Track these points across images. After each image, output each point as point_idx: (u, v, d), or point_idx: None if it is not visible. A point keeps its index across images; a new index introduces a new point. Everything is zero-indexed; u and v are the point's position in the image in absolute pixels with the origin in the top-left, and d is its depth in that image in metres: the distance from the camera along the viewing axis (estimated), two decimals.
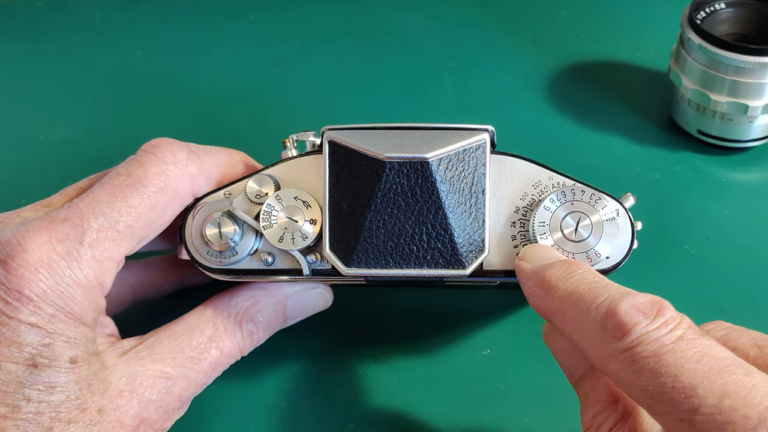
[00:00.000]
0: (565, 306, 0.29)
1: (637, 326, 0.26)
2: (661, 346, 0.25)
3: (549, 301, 0.30)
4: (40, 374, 0.30)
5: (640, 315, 0.26)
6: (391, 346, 0.42)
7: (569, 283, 0.29)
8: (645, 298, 0.27)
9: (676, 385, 0.24)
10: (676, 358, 0.25)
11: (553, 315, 0.30)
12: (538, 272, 0.31)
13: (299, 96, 0.56)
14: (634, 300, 0.27)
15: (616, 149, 0.51)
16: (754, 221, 0.46)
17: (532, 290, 0.31)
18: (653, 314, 0.26)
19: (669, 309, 0.26)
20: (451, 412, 0.39)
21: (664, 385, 0.24)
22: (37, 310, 0.30)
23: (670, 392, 0.24)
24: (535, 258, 0.32)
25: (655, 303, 0.27)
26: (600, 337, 0.27)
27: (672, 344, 0.25)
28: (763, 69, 0.45)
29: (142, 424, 0.32)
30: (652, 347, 0.25)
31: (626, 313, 0.26)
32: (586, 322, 0.28)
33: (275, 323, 0.37)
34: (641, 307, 0.26)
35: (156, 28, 0.63)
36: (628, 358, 0.26)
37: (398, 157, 0.33)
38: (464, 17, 0.62)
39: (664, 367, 0.25)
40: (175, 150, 0.35)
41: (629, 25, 0.60)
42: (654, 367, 0.25)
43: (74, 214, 0.32)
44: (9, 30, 0.64)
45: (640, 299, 0.27)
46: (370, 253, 0.34)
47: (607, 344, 0.26)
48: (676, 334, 0.25)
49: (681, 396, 0.24)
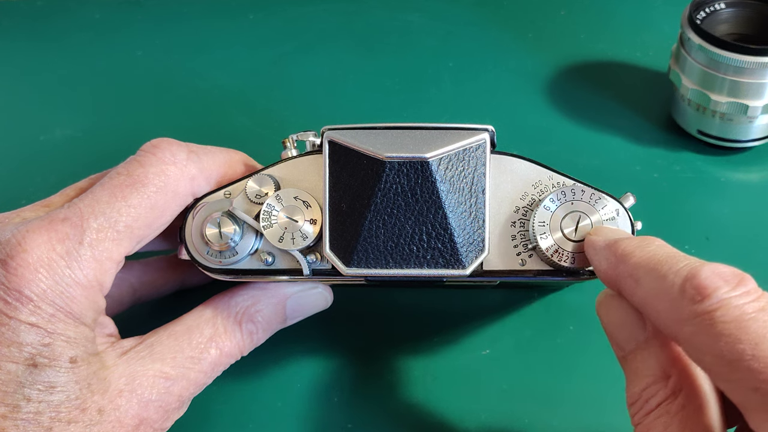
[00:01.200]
0: (640, 271, 0.28)
1: (719, 291, 0.25)
2: (743, 313, 0.25)
3: (621, 267, 0.29)
4: (40, 374, 0.30)
5: (721, 281, 0.26)
6: (391, 346, 0.42)
7: (646, 251, 0.29)
8: (727, 268, 0.26)
9: (757, 354, 0.24)
10: (758, 327, 0.24)
11: (624, 280, 0.29)
12: (612, 243, 0.31)
13: (299, 96, 0.56)
14: (715, 268, 0.26)
15: (616, 149, 0.51)
16: (754, 221, 0.46)
17: (602, 261, 0.31)
18: (735, 283, 0.26)
19: (751, 281, 0.26)
20: (450, 412, 0.39)
21: (743, 352, 0.24)
22: (36, 309, 0.30)
23: (749, 360, 0.24)
24: (607, 233, 0.32)
25: (738, 273, 0.26)
26: (677, 300, 0.26)
27: (755, 313, 0.25)
28: (763, 69, 0.45)
29: (142, 423, 0.32)
30: (733, 313, 0.25)
31: (707, 277, 0.26)
32: (662, 286, 0.27)
33: (275, 323, 0.37)
34: (723, 275, 0.26)
35: (156, 28, 0.63)
36: (706, 321, 0.25)
37: (398, 157, 0.33)
38: (464, 17, 0.62)
39: (745, 334, 0.24)
40: (175, 150, 0.35)
41: (629, 25, 0.60)
42: (734, 332, 0.24)
43: (74, 214, 0.32)
44: (9, 30, 0.64)
45: (722, 268, 0.26)
46: (370, 253, 0.34)
47: (684, 307, 0.26)
48: (759, 305, 0.25)
49: (760, 365, 0.24)
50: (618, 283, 0.30)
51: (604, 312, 0.32)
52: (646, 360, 0.29)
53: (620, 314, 0.31)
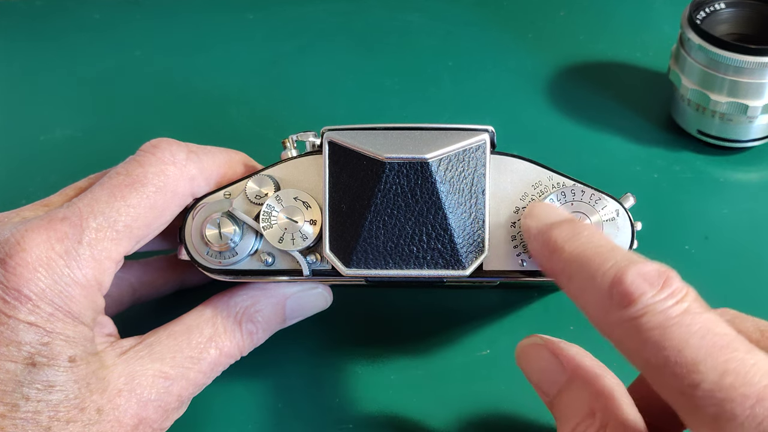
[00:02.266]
0: (571, 268, 0.29)
1: (643, 296, 0.26)
2: (667, 318, 0.25)
3: (554, 262, 0.30)
4: (38, 373, 0.30)
5: (646, 285, 0.26)
6: (391, 346, 0.42)
7: (575, 245, 0.29)
8: (652, 267, 0.26)
9: (679, 360, 0.24)
10: (681, 332, 0.25)
11: (558, 276, 0.30)
12: (544, 231, 0.31)
13: (299, 96, 0.56)
14: (641, 268, 0.26)
15: (616, 149, 0.51)
16: (754, 221, 0.46)
17: (537, 250, 0.31)
18: (660, 284, 0.26)
19: (676, 279, 0.26)
20: (450, 412, 0.39)
21: (668, 358, 0.24)
22: (35, 309, 0.30)
23: (673, 366, 0.24)
24: (541, 216, 0.32)
25: (663, 272, 0.26)
26: (605, 304, 0.27)
27: (677, 317, 0.25)
28: (763, 69, 0.45)
29: (141, 423, 0.32)
30: (657, 319, 0.25)
31: (632, 282, 0.26)
32: (591, 287, 0.27)
33: (274, 323, 0.37)
34: (648, 276, 0.26)
35: (155, 27, 0.63)
36: (633, 327, 0.26)
37: (398, 158, 0.33)
38: (464, 17, 0.62)
39: (669, 341, 0.25)
40: (175, 150, 0.35)
41: (629, 25, 0.60)
42: (658, 339, 0.25)
43: (73, 214, 0.32)
44: (9, 30, 0.64)
45: (647, 267, 0.26)
46: (369, 254, 0.34)
47: (612, 312, 0.26)
48: (682, 307, 0.25)
49: (683, 370, 0.24)
50: (552, 275, 0.30)
51: (525, 362, 0.32)
52: (571, 401, 0.30)
53: (540, 362, 0.31)
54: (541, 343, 0.32)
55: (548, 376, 0.31)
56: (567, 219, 0.31)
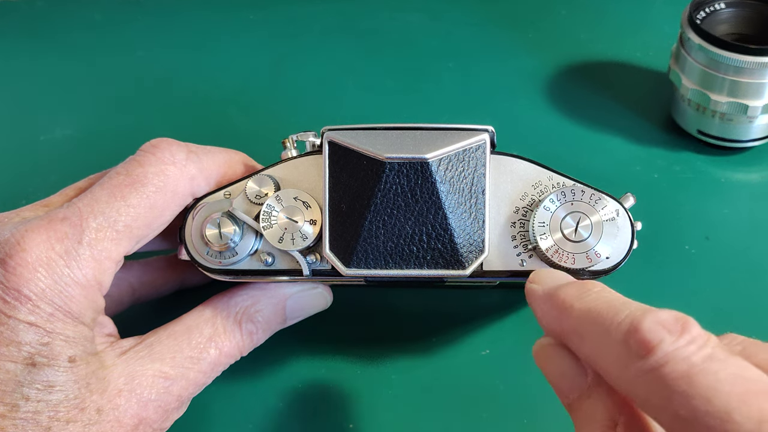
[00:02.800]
0: (583, 326, 0.27)
1: (663, 343, 0.24)
2: (692, 366, 0.23)
3: (564, 322, 0.28)
4: (38, 373, 0.30)
5: (664, 331, 0.24)
6: (391, 346, 0.42)
7: (586, 302, 0.27)
8: (669, 314, 0.25)
9: (710, 410, 0.22)
10: (709, 380, 0.23)
11: (570, 336, 0.28)
12: (551, 293, 0.29)
13: (299, 96, 0.56)
14: (657, 316, 0.25)
15: (616, 149, 0.51)
16: (754, 221, 0.46)
17: (544, 312, 0.29)
18: (678, 331, 0.24)
19: (695, 326, 0.25)
20: (450, 412, 0.39)
21: (697, 409, 0.23)
22: (35, 309, 0.30)
23: (704, 417, 0.23)
24: (546, 280, 0.30)
25: (680, 318, 0.25)
26: (623, 358, 0.25)
27: (702, 364, 0.23)
28: (763, 69, 0.45)
29: (141, 423, 0.32)
30: (681, 367, 0.23)
31: (650, 329, 0.24)
32: (606, 342, 0.26)
33: (274, 323, 0.37)
34: (665, 324, 0.24)
35: (156, 28, 0.63)
36: (657, 379, 0.24)
37: (398, 158, 0.33)
38: (464, 17, 0.62)
39: (696, 389, 0.23)
40: (175, 150, 0.35)
41: (629, 25, 0.60)
42: (685, 389, 0.23)
43: (73, 214, 0.32)
44: (9, 30, 0.64)
45: (663, 315, 0.25)
46: (369, 254, 0.34)
47: (631, 364, 0.24)
48: (706, 353, 0.24)
49: (716, 421, 0.22)
50: (563, 338, 0.29)
51: (544, 362, 0.30)
52: (592, 408, 0.28)
53: (560, 363, 0.29)
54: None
55: (569, 379, 0.29)
56: (574, 281, 0.30)
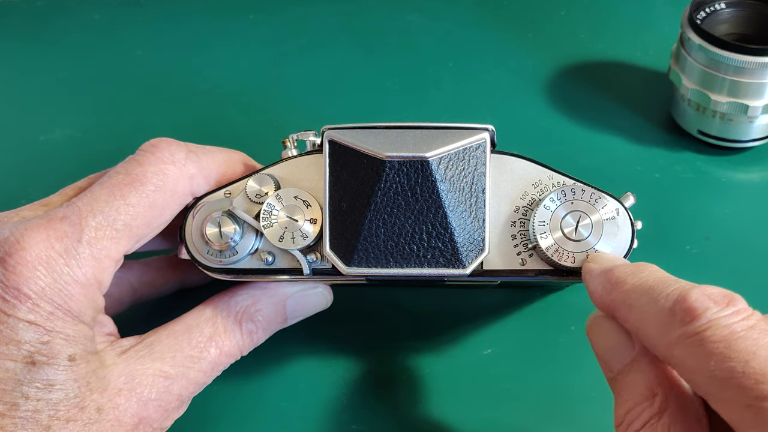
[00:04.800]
0: (632, 297, 0.29)
1: (708, 311, 0.26)
2: (732, 332, 0.25)
3: (615, 294, 0.30)
4: (38, 372, 0.30)
5: (711, 302, 0.26)
6: (392, 346, 0.42)
7: (639, 278, 0.29)
8: (717, 289, 0.27)
9: (747, 371, 0.24)
10: (748, 344, 0.24)
11: (618, 306, 0.30)
12: (608, 270, 0.31)
13: (299, 96, 0.56)
14: (705, 289, 0.27)
15: (616, 149, 0.51)
16: (755, 221, 0.46)
17: (597, 287, 0.31)
18: (725, 303, 0.26)
19: (741, 301, 0.26)
20: (452, 412, 0.39)
21: (734, 369, 0.24)
22: (35, 307, 0.30)
23: (740, 377, 0.24)
24: (603, 261, 0.32)
25: (727, 294, 0.26)
26: (667, 323, 0.27)
27: (743, 332, 0.25)
28: (763, 69, 0.45)
29: (141, 423, 0.32)
30: (722, 332, 0.25)
31: (697, 299, 0.26)
32: (653, 310, 0.27)
33: (275, 323, 0.37)
34: (713, 296, 0.26)
35: (156, 27, 0.63)
36: (697, 342, 0.25)
37: (398, 157, 0.33)
38: (464, 17, 0.62)
39: (735, 352, 0.24)
40: (174, 149, 0.35)
41: (629, 25, 0.60)
42: (724, 351, 0.25)
43: (73, 213, 0.32)
44: (9, 30, 0.64)
45: (712, 289, 0.27)
46: (370, 253, 0.34)
47: (674, 329, 0.26)
48: (749, 324, 0.25)
49: (751, 381, 0.24)
50: (612, 309, 0.30)
51: (593, 334, 0.32)
52: (633, 380, 0.29)
53: (610, 336, 0.31)
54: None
55: (616, 351, 0.31)
56: (629, 262, 0.32)
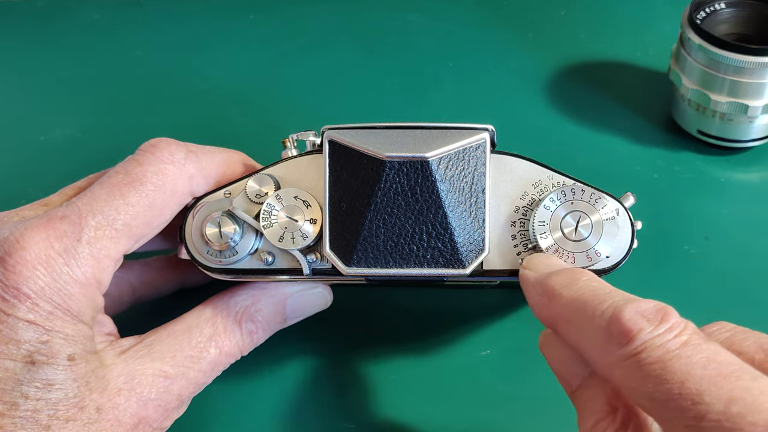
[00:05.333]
0: (570, 313, 0.29)
1: (642, 332, 0.26)
2: (666, 351, 0.25)
3: (553, 309, 0.30)
4: (38, 371, 0.30)
5: (644, 321, 0.26)
6: (391, 346, 0.42)
7: (573, 290, 0.29)
8: (649, 305, 0.26)
9: (683, 392, 0.24)
10: (682, 364, 0.24)
11: (558, 323, 0.30)
12: (542, 280, 0.31)
13: (299, 96, 0.56)
14: (638, 306, 0.26)
15: (616, 149, 0.51)
16: (754, 221, 0.46)
17: (536, 299, 0.31)
18: (658, 320, 0.26)
19: (673, 315, 0.26)
20: (450, 413, 0.39)
21: (671, 391, 0.24)
22: (34, 307, 0.30)
23: (677, 399, 0.24)
24: (538, 266, 0.32)
25: (660, 309, 0.26)
26: (604, 344, 0.26)
27: (677, 350, 0.25)
28: (763, 69, 0.45)
29: (141, 422, 0.32)
30: (657, 353, 0.25)
31: (630, 319, 0.26)
32: (590, 329, 0.27)
33: (274, 323, 0.37)
34: (645, 313, 0.26)
35: (156, 27, 0.63)
36: (633, 364, 0.25)
37: (398, 157, 0.33)
38: (464, 17, 0.62)
39: (670, 374, 0.24)
40: (174, 149, 0.35)
41: (629, 25, 0.60)
42: (660, 373, 0.25)
43: (72, 212, 0.32)
44: (9, 30, 0.64)
45: (644, 305, 0.26)
46: (370, 253, 0.34)
47: (611, 351, 0.26)
48: (681, 340, 0.25)
49: (687, 403, 0.24)
50: (553, 325, 0.30)
51: (547, 350, 0.32)
52: (592, 396, 0.29)
53: (562, 352, 0.31)
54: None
55: (571, 367, 0.31)
56: (565, 268, 0.31)
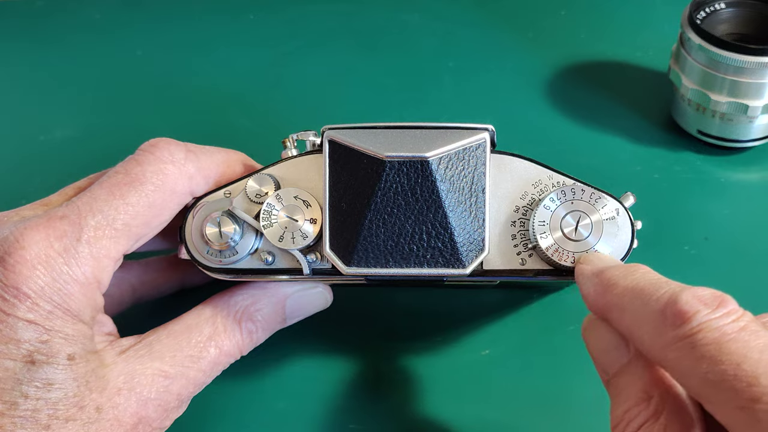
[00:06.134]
0: (625, 300, 0.29)
1: (698, 314, 0.26)
2: (723, 334, 0.25)
3: (608, 296, 0.30)
4: (37, 371, 0.30)
5: (701, 304, 0.26)
6: (391, 347, 0.42)
7: (630, 280, 0.29)
8: (707, 291, 0.27)
9: (738, 373, 0.24)
10: (739, 347, 0.24)
11: (611, 309, 0.30)
12: (599, 272, 0.31)
13: (299, 96, 0.56)
14: (696, 292, 0.27)
15: (616, 149, 0.51)
16: (754, 221, 0.46)
17: (590, 289, 0.31)
18: (715, 305, 0.26)
19: (732, 302, 0.26)
20: (450, 413, 0.39)
21: (726, 372, 0.24)
22: (34, 306, 0.30)
23: (732, 380, 0.24)
24: (595, 262, 0.32)
25: (718, 296, 0.26)
26: (659, 326, 0.27)
27: (734, 333, 0.25)
28: (763, 69, 0.45)
29: (141, 422, 0.32)
30: (713, 335, 0.25)
31: (687, 302, 0.26)
32: (645, 313, 0.27)
33: (274, 322, 0.37)
34: (703, 299, 0.26)
35: (156, 27, 0.63)
36: (688, 345, 0.25)
37: (398, 156, 0.33)
38: (464, 17, 0.62)
39: (726, 355, 0.24)
40: (173, 149, 0.35)
41: (629, 25, 0.60)
42: (715, 354, 0.25)
43: (72, 212, 0.32)
44: (9, 30, 0.64)
45: (702, 291, 0.27)
46: (370, 253, 0.34)
47: (666, 333, 0.26)
48: (739, 325, 0.25)
49: (743, 384, 0.24)
50: (605, 312, 0.30)
51: (590, 336, 0.32)
52: (628, 383, 0.29)
53: (605, 339, 0.31)
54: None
55: (611, 354, 0.31)
56: (621, 263, 0.32)
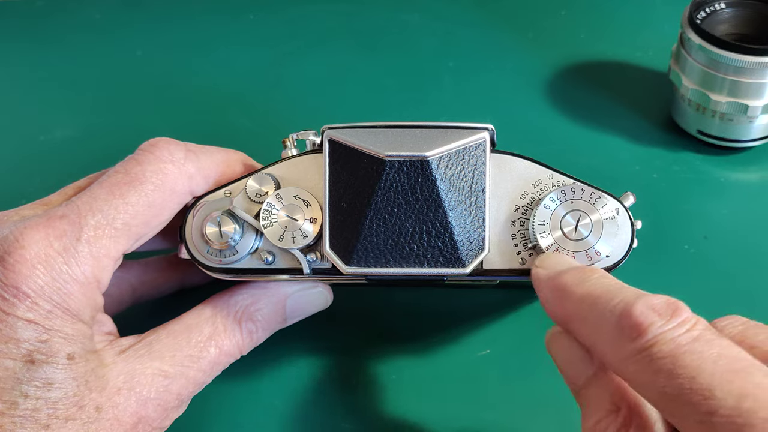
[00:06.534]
0: (582, 310, 0.29)
1: (652, 326, 0.26)
2: (678, 346, 0.25)
3: (565, 306, 0.30)
4: (37, 370, 0.30)
5: (655, 315, 0.26)
6: (391, 346, 0.42)
7: (584, 287, 0.29)
8: (660, 299, 0.27)
9: (694, 387, 0.24)
10: (693, 359, 0.24)
11: (570, 320, 0.30)
12: (554, 277, 0.31)
13: (299, 96, 0.56)
14: (649, 301, 0.26)
15: (615, 149, 0.51)
16: (753, 221, 0.46)
17: (548, 296, 0.31)
18: (669, 314, 0.26)
19: (685, 310, 0.26)
20: (450, 413, 0.39)
21: (682, 386, 0.24)
22: (34, 306, 0.30)
23: (688, 394, 0.24)
24: (550, 265, 0.32)
25: (671, 303, 0.26)
26: (616, 339, 0.26)
27: (688, 344, 0.25)
28: (763, 69, 0.45)
29: (141, 422, 0.32)
30: (668, 347, 0.25)
31: (641, 313, 0.26)
32: (602, 325, 0.27)
33: (274, 322, 0.37)
34: (657, 308, 0.26)
35: (156, 27, 0.63)
36: (645, 358, 0.25)
37: (398, 156, 0.33)
38: (464, 17, 0.62)
39: (681, 368, 0.24)
40: (173, 149, 0.35)
41: (629, 25, 0.60)
42: (671, 368, 0.25)
43: (72, 211, 0.32)
44: (9, 30, 0.64)
45: (655, 300, 0.26)
46: (370, 252, 0.34)
47: (623, 346, 0.26)
48: (693, 335, 0.25)
49: (699, 398, 0.24)
50: (566, 322, 0.30)
51: (554, 348, 0.32)
52: (596, 394, 0.29)
53: (569, 350, 0.31)
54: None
55: (577, 365, 0.31)
56: (576, 266, 0.32)
